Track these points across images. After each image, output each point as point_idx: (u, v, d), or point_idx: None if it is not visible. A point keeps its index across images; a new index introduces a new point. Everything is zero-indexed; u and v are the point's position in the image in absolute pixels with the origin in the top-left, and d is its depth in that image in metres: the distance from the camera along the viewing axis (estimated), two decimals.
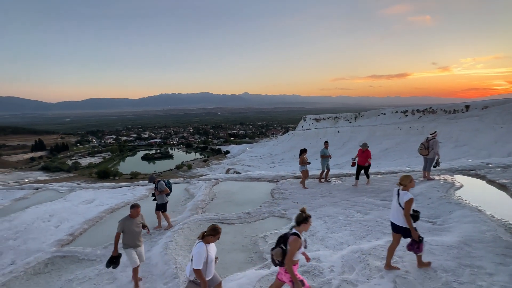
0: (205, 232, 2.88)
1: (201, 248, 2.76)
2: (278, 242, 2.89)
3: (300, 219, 2.85)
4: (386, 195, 6.87)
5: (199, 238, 2.88)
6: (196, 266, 2.72)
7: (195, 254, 2.75)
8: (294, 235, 2.78)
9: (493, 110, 41.97)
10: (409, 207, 3.43)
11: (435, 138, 7.33)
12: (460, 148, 38.43)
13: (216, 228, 2.87)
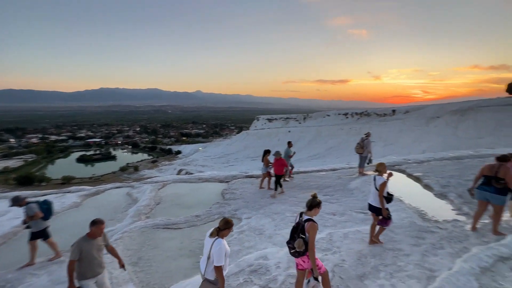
0: (220, 227, 2.78)
1: (221, 243, 2.68)
2: (292, 233, 2.89)
3: (314, 203, 2.91)
4: (328, 191, 7.47)
5: (213, 235, 2.76)
6: (219, 262, 2.63)
7: (217, 251, 2.64)
8: (310, 221, 2.80)
9: (412, 115, 50.07)
10: (382, 189, 4.02)
11: (368, 138, 8.34)
12: (388, 147, 44.62)
13: (229, 221, 2.80)
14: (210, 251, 2.69)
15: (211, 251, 2.69)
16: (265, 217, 5.92)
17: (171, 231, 5.51)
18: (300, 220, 2.91)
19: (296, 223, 2.92)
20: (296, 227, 2.89)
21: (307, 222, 2.83)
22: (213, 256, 2.66)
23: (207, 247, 2.76)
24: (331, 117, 72.54)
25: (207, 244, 2.78)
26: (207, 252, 2.73)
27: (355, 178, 8.16)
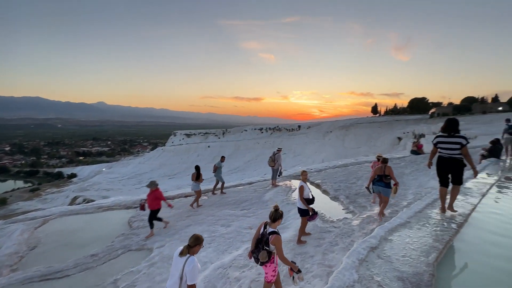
0: (189, 245, 2.68)
1: (194, 261, 2.62)
2: (257, 244, 2.94)
3: (277, 215, 2.98)
4: (245, 205, 7.68)
5: (184, 254, 2.66)
6: (193, 280, 2.59)
7: (191, 270, 2.56)
8: (274, 234, 2.88)
9: (313, 130, 59.42)
10: (301, 192, 4.68)
11: (279, 153, 9.21)
12: (297, 157, 50.86)
13: (199, 237, 2.74)
14: (183, 270, 2.60)
15: (184, 271, 2.60)
16: (180, 242, 5.46)
17: (53, 282, 4.28)
18: (264, 232, 2.97)
19: (261, 235, 2.98)
20: (261, 239, 2.96)
21: (271, 235, 2.91)
22: (187, 275, 2.59)
23: (177, 267, 2.65)
24: (248, 132, 76.98)
25: (177, 264, 2.67)
26: (179, 272, 2.62)
27: (268, 189, 8.76)
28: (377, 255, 2.78)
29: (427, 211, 4.28)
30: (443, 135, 4.37)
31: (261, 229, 3.05)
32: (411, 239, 3.19)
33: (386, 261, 2.66)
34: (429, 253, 2.85)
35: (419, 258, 2.73)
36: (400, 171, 9.02)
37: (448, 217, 4.06)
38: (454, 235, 3.36)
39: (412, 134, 45.59)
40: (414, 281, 2.32)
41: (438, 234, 3.35)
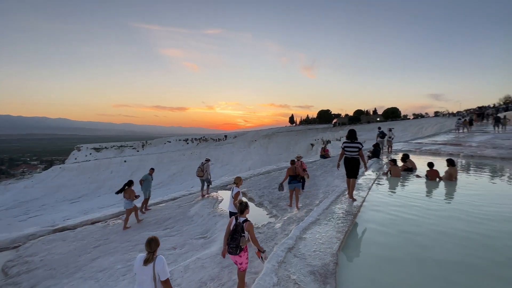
0: (151, 250, 2.78)
1: (163, 259, 2.79)
2: (233, 235, 3.25)
3: (243, 207, 3.40)
4: (169, 223, 7.09)
5: (149, 261, 2.75)
6: (167, 275, 2.75)
7: (162, 268, 2.73)
8: (247, 221, 3.32)
9: (239, 139, 61.30)
10: (236, 197, 5.03)
11: (208, 163, 9.11)
12: (225, 167, 51.06)
13: (156, 239, 2.86)
14: (154, 272, 2.73)
15: (155, 271, 2.73)
16: (84, 281, 4.52)
17: None
18: (237, 223, 3.33)
19: (235, 225, 3.31)
20: (235, 229, 3.28)
21: (245, 222, 3.32)
22: (159, 274, 2.74)
23: (146, 273, 2.74)
24: (172, 143, 72.29)
25: (144, 270, 2.75)
26: (150, 275, 2.73)
27: (194, 203, 8.39)
28: (294, 254, 3.05)
29: (332, 207, 5.03)
30: (347, 141, 5.62)
31: (232, 224, 3.38)
32: (320, 235, 3.65)
33: (301, 259, 2.94)
34: (333, 244, 3.33)
35: (326, 250, 3.15)
36: (312, 173, 10.30)
37: (347, 210, 4.89)
38: (351, 225, 4.06)
39: (321, 140, 53.40)
40: (322, 272, 2.65)
41: (340, 226, 3.98)
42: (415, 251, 3.26)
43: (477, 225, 4.07)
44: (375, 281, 2.68)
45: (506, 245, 3.41)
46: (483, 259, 3.11)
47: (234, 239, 3.27)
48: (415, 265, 2.93)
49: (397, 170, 7.95)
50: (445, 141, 16.23)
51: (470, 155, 11.13)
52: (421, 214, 4.66)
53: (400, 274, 2.76)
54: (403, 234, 3.85)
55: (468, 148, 12.74)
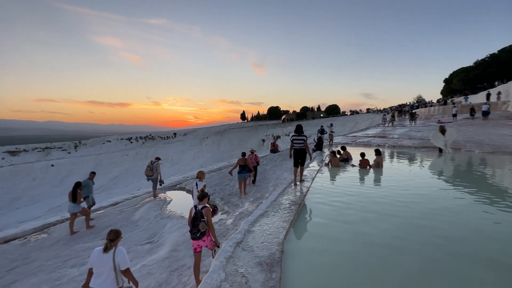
0: (111, 239, 2.88)
1: (123, 250, 2.89)
2: (194, 222, 3.52)
3: (203, 195, 3.72)
4: None
5: (109, 249, 2.84)
6: (127, 265, 2.85)
7: (122, 258, 2.82)
8: (205, 207, 3.59)
9: (190, 136, 58.95)
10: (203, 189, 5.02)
11: (158, 161, 8.64)
12: (175, 166, 48.57)
13: (118, 230, 2.98)
14: (114, 262, 2.79)
15: (115, 262, 2.79)
16: None
17: None
18: (197, 210, 3.59)
19: (195, 213, 3.57)
20: (196, 216, 3.54)
21: (203, 208, 3.59)
22: (120, 264, 2.81)
23: (105, 263, 2.79)
24: (113, 143, 65.05)
25: (103, 261, 2.80)
26: (109, 266, 2.78)
27: (139, 207, 7.77)
28: (242, 248, 3.10)
29: (280, 199, 5.28)
30: (295, 135, 6.57)
31: (192, 212, 3.64)
32: (268, 226, 3.80)
33: (249, 252, 3.01)
34: (279, 233, 3.50)
35: (273, 240, 3.30)
36: (263, 168, 10.61)
37: (293, 200, 5.21)
38: (296, 214, 4.34)
39: (272, 136, 55.46)
40: (269, 262, 2.76)
41: (286, 216, 4.21)
42: (352, 234, 3.67)
43: (401, 207, 4.82)
44: (317, 264, 2.93)
45: (436, 225, 4.14)
46: (411, 235, 3.71)
47: (195, 225, 3.55)
48: (353, 246, 3.30)
49: (336, 161, 8.81)
50: (374, 134, 18.68)
51: (393, 145, 13.08)
52: (357, 199, 5.28)
53: (340, 256, 3.07)
54: (341, 218, 4.29)
55: (391, 139, 14.95)
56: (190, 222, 3.57)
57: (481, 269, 2.75)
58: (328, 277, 2.63)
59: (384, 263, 2.85)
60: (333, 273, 2.69)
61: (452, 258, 2.98)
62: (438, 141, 10.49)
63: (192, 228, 3.54)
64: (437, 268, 2.77)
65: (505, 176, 7.14)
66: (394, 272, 2.70)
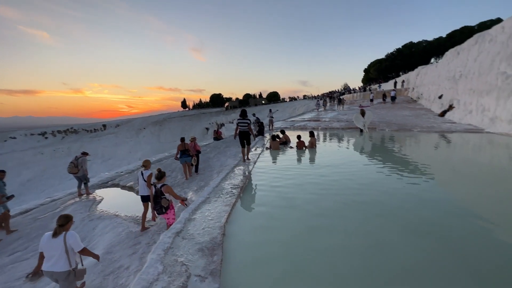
0: (61, 224, 2.98)
1: (74, 233, 3.04)
2: (155, 199, 4.13)
3: (161, 175, 4.25)
4: (19, 244, 5.32)
5: (58, 233, 2.94)
6: (81, 246, 3.03)
7: (74, 241, 2.97)
8: (165, 185, 4.15)
9: (123, 128, 52.82)
10: (149, 179, 5.10)
11: (84, 156, 7.66)
12: (107, 162, 43.19)
13: (68, 215, 3.12)
14: (66, 245, 2.92)
15: (67, 245, 2.92)
16: None
17: None
18: (156, 188, 3.98)
19: (155, 191, 4.00)
20: (156, 194, 3.97)
21: (162, 186, 4.00)
22: (72, 246, 2.97)
23: (55, 247, 2.90)
24: (20, 139, 53.14)
25: (53, 245, 2.90)
26: (60, 250, 2.90)
27: (61, 211, 6.66)
28: (182, 237, 3.01)
29: (222, 184, 5.29)
30: (240, 119, 7.28)
31: (153, 191, 4.17)
32: (210, 212, 3.78)
33: (189, 240, 2.94)
34: (221, 217, 3.53)
35: (214, 224, 3.30)
36: (206, 156, 10.40)
37: (236, 184, 5.30)
38: (238, 197, 4.44)
39: (216, 124, 54.54)
40: (210, 246, 2.76)
41: (228, 200, 4.26)
42: (291, 210, 3.95)
43: (333, 182, 5.44)
44: (258, 241, 3.08)
45: (369, 194, 4.76)
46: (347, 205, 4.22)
47: (157, 202, 4.08)
48: (291, 222, 3.55)
49: (276, 144, 9.29)
50: (309, 118, 20.36)
51: (325, 127, 14.55)
52: (295, 178, 5.70)
53: (279, 232, 3.28)
54: (281, 197, 4.59)
55: (324, 122, 16.58)
56: (153, 199, 4.21)
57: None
58: (269, 252, 2.80)
59: (322, 237, 3.14)
60: (273, 249, 2.87)
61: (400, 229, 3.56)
62: (359, 123, 12.14)
63: (155, 205, 4.14)
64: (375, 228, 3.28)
65: (407, 148, 8.83)
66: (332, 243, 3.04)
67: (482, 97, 12.24)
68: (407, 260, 2.57)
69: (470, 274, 2.32)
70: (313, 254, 2.72)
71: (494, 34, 13.00)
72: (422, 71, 25.99)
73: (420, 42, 52.09)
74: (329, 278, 2.35)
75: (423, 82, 24.12)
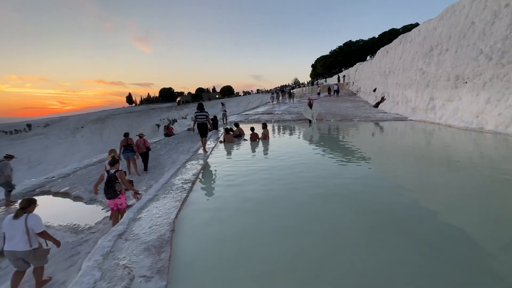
0: (23, 207, 3.15)
1: (36, 215, 3.17)
2: (108, 184, 4.14)
3: (115, 161, 4.40)
4: None
5: (19, 215, 3.08)
6: (41, 228, 3.15)
7: (36, 222, 3.10)
8: (118, 171, 4.24)
9: (55, 127, 45.74)
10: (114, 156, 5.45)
11: (7, 160, 6.69)
12: (35, 168, 37.03)
13: (31, 198, 3.30)
14: (27, 226, 3.05)
15: (27, 225, 3.05)
16: None
17: None
18: (110, 174, 4.16)
19: (108, 177, 4.16)
20: (109, 179, 4.14)
21: (116, 172, 4.21)
22: (33, 228, 3.08)
23: (15, 228, 3.03)
24: None
25: (14, 226, 3.04)
26: (21, 230, 3.02)
27: None
28: (125, 239, 2.76)
29: (172, 180, 5.04)
30: (198, 111, 7.78)
31: (105, 176, 4.18)
32: (158, 209, 3.56)
33: (133, 241, 2.72)
34: (170, 213, 3.36)
35: (163, 222, 3.12)
36: (157, 153, 9.77)
37: (187, 178, 5.10)
38: (189, 192, 4.29)
39: (167, 120, 51.49)
40: (157, 244, 2.60)
41: (178, 195, 4.07)
42: (243, 203, 3.93)
43: (288, 170, 5.64)
44: (209, 234, 3.02)
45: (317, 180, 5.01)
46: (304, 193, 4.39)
47: (110, 187, 4.13)
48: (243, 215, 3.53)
49: (230, 137, 9.26)
50: (263, 111, 20.82)
51: (277, 120, 15.07)
52: (247, 170, 5.76)
53: (231, 225, 3.25)
54: (232, 189, 4.59)
55: (276, 115, 17.16)
56: (105, 185, 4.15)
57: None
58: (220, 245, 2.75)
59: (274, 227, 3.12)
60: (224, 241, 2.84)
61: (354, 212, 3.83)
62: (308, 114, 12.92)
63: (108, 189, 4.15)
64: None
65: (349, 136, 9.77)
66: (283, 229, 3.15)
67: (406, 90, 14.26)
68: (360, 237, 2.87)
69: (399, 234, 2.72)
70: (264, 246, 2.76)
71: (413, 36, 15.19)
72: (359, 67, 28.90)
73: (358, 41, 57.77)
74: (282, 261, 2.43)
75: (361, 77, 26.88)
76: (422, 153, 6.80)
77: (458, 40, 10.68)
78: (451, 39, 11.13)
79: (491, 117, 8.49)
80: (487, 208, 3.40)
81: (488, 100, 8.73)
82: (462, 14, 10.84)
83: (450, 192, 3.97)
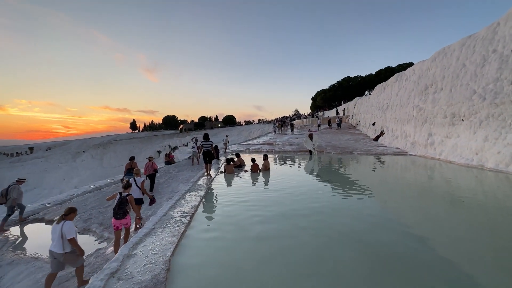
0: (64, 214, 3.69)
1: (70, 223, 3.66)
2: (119, 206, 4.53)
3: (128, 185, 4.85)
4: None
5: (59, 221, 3.64)
6: (71, 235, 3.60)
7: (67, 229, 3.58)
8: (129, 195, 4.67)
9: (57, 151, 45.93)
10: (143, 185, 6.00)
11: (16, 184, 6.92)
12: (32, 192, 36.45)
13: (73, 207, 3.82)
14: (62, 231, 3.58)
15: (62, 231, 3.58)
16: None
17: None
18: (121, 197, 4.59)
19: (121, 198, 4.57)
20: (121, 201, 4.55)
21: (128, 196, 4.65)
22: (65, 234, 3.56)
23: (55, 231, 3.62)
24: None
25: (55, 230, 3.63)
26: (58, 233, 3.59)
27: None
28: (118, 278, 2.62)
29: (170, 212, 4.92)
30: (204, 141, 8.90)
31: (117, 198, 4.58)
32: (154, 245, 3.42)
33: (126, 280, 2.58)
34: (166, 250, 3.23)
35: (158, 259, 2.99)
36: (156, 182, 9.67)
37: (185, 211, 4.99)
38: (187, 226, 4.16)
39: (169, 147, 51.85)
40: (151, 285, 2.46)
41: (176, 229, 3.95)
42: (244, 240, 3.79)
43: (290, 206, 5.54)
44: (206, 275, 2.86)
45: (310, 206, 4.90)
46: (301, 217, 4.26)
47: (121, 208, 4.53)
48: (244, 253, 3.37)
49: (230, 168, 9.24)
50: (264, 141, 21.06)
51: (278, 150, 15.16)
52: (247, 204, 5.66)
53: (231, 264, 3.08)
54: (233, 224, 4.46)
55: (277, 146, 17.31)
56: (116, 206, 4.53)
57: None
58: (219, 286, 2.60)
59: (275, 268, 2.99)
60: (223, 281, 2.70)
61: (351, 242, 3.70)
62: (309, 145, 13.05)
63: (118, 210, 4.51)
64: None
65: (350, 169, 9.74)
66: (287, 271, 3.02)
67: (404, 125, 14.57)
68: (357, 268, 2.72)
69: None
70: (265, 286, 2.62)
71: (408, 74, 15.99)
72: (358, 101, 29.91)
73: (356, 77, 60.64)
74: None
75: (360, 111, 27.65)
76: (423, 187, 6.73)
77: (451, 80, 11.21)
78: (445, 79, 11.69)
79: (490, 154, 8.54)
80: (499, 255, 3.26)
81: (486, 138, 8.87)
82: (453, 56, 11.54)
83: (454, 234, 3.85)
